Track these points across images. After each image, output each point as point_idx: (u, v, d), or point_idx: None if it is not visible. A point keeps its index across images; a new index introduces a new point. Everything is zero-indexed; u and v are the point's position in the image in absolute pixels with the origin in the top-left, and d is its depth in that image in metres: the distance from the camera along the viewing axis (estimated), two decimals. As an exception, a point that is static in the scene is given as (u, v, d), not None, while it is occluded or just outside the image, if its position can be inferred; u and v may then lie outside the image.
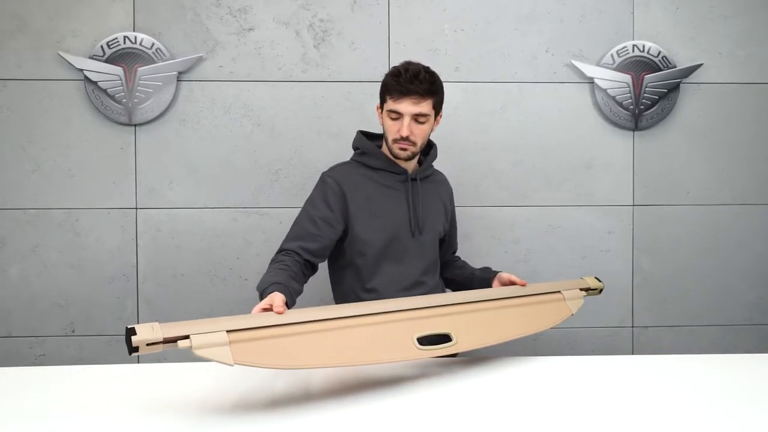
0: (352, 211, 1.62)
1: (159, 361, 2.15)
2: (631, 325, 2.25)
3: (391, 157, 1.66)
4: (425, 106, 1.56)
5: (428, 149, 1.78)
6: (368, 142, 1.71)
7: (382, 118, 1.64)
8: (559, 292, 1.59)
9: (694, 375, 1.32)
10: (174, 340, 1.05)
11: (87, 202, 2.12)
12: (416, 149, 1.61)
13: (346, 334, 1.21)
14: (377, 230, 1.62)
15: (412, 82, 1.54)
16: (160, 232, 2.13)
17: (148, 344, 1.02)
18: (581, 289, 1.64)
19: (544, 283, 1.61)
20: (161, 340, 1.03)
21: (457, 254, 1.91)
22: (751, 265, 2.26)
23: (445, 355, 1.32)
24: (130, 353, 1.02)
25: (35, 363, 2.11)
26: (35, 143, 2.10)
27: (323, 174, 1.70)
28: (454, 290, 1.81)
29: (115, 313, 2.14)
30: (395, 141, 1.59)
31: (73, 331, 2.13)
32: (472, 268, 1.80)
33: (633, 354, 2.23)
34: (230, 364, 1.06)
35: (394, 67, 1.61)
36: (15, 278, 2.11)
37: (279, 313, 1.19)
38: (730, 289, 2.26)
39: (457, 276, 1.80)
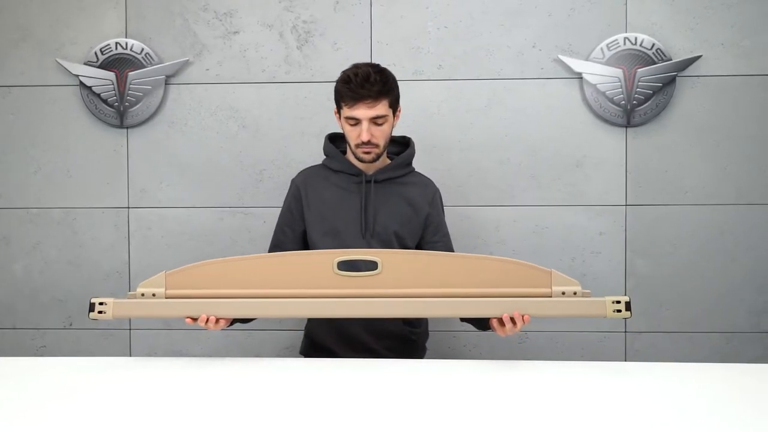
0: (305, 213, 1.66)
1: (150, 355, 2.25)
2: (623, 330, 2.15)
3: (356, 161, 1.66)
4: (381, 108, 1.56)
5: (402, 148, 1.77)
6: (330, 144, 1.73)
7: (341, 123, 1.65)
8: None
9: (692, 385, 1.22)
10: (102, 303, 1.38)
11: (83, 202, 2.22)
12: (380, 150, 1.62)
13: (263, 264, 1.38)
14: (325, 232, 1.65)
15: (363, 86, 1.53)
16: (150, 231, 2.21)
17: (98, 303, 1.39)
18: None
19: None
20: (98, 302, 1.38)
21: None
22: (757, 268, 2.12)
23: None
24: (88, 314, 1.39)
25: (36, 354, 2.23)
26: (37, 146, 2.22)
27: (292, 178, 1.76)
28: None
29: (109, 308, 2.23)
30: (358, 146, 1.60)
31: (71, 325, 2.24)
32: None
33: (626, 361, 2.14)
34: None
35: (343, 72, 1.60)
36: (19, 274, 2.24)
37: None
38: (734, 294, 2.13)
39: None
